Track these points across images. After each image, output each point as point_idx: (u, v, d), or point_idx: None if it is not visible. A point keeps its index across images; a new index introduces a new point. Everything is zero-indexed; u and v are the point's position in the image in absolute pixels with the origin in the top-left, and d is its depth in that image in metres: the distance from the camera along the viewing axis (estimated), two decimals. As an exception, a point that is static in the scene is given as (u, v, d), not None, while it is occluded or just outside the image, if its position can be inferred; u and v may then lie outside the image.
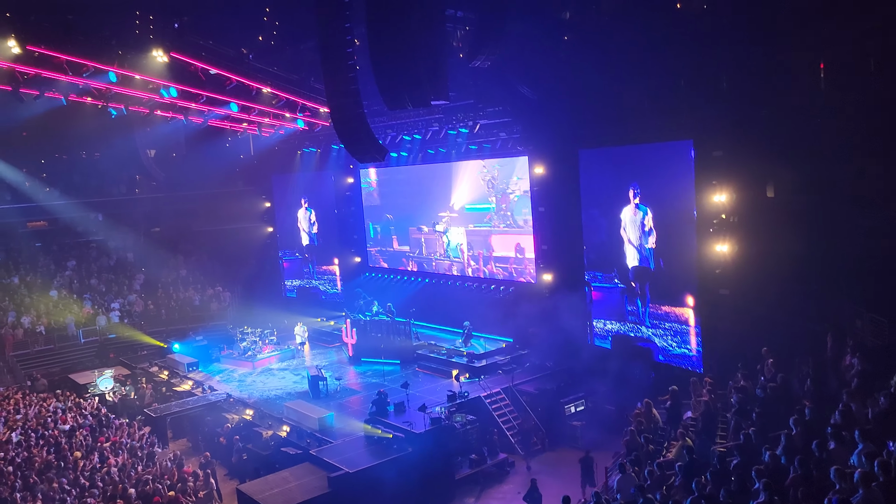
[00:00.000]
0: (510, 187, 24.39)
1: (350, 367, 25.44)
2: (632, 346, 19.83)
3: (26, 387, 25.46)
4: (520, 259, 24.55)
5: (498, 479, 18.44)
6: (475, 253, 26.21)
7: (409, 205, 29.24)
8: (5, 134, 33.58)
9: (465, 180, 25.59)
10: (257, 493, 15.83)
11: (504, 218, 24.87)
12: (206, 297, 34.62)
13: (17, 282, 32.44)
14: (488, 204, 25.34)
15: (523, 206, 23.87)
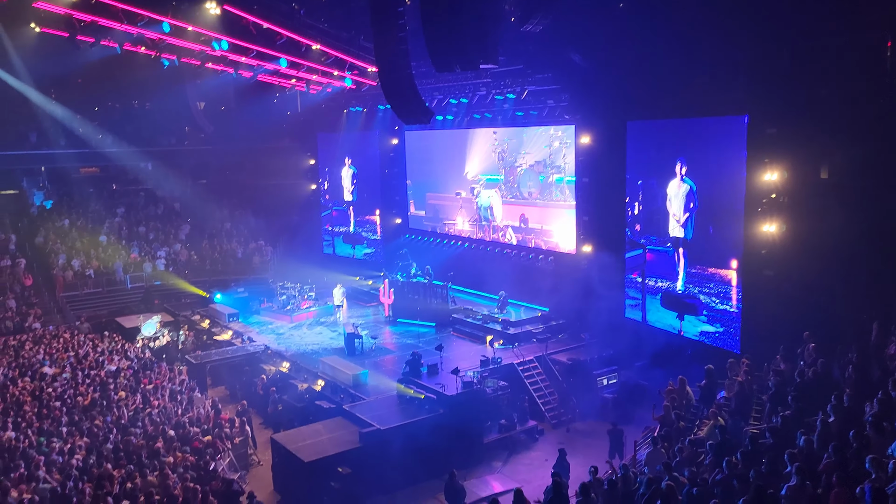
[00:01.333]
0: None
1: (386, 327, 25.76)
2: (680, 300, 19.46)
3: (75, 327, 26.42)
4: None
5: (526, 446, 18.63)
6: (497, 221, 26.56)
7: (426, 171, 29.84)
8: (62, 80, 34.42)
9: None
10: (290, 443, 16.25)
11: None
12: (248, 250, 35.25)
13: (69, 225, 33.44)
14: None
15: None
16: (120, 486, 13.41)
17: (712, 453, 11.17)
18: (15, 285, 29.10)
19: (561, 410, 19.91)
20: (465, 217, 28.02)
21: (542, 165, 24.61)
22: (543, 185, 24.38)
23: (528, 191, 24.55)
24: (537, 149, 23.71)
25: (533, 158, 24.25)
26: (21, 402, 17.82)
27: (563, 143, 23.23)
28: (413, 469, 16.20)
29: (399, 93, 16.33)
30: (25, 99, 32.86)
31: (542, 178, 24.08)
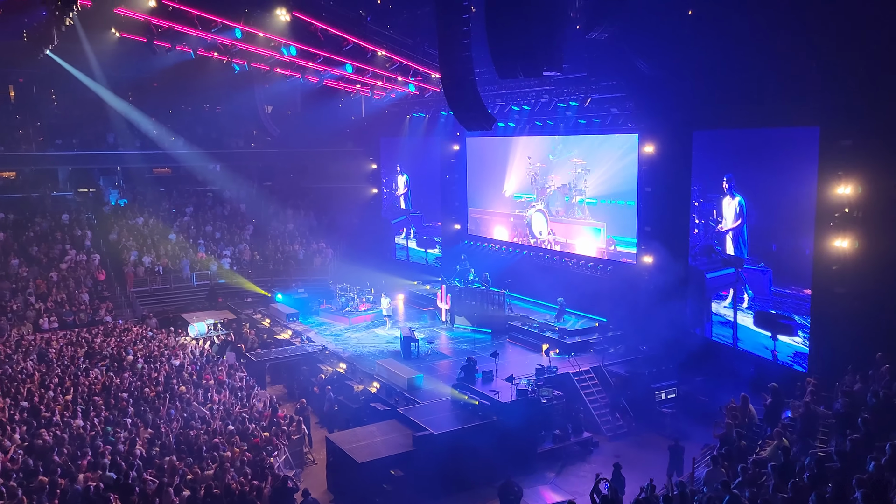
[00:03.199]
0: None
1: (442, 332, 25.83)
2: (776, 320, 18.68)
3: (143, 321, 27.39)
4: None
5: (580, 458, 18.37)
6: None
7: (486, 177, 30.26)
8: (138, 84, 35.86)
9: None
10: (345, 443, 16.43)
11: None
12: (309, 251, 35.92)
13: (142, 223, 34.74)
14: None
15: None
16: (180, 477, 13.82)
17: (775, 475, 10.78)
18: (89, 279, 30.37)
19: (617, 423, 19.57)
20: (509, 229, 28.22)
21: (566, 188, 25.45)
22: (568, 204, 25.22)
23: (555, 209, 25.70)
24: (563, 174, 24.92)
25: (560, 181, 25.24)
26: (91, 392, 18.56)
27: (584, 170, 24.43)
28: (465, 475, 16.19)
29: (462, 99, 16.41)
30: (104, 101, 34.34)
31: (567, 199, 24.95)
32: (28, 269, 29.81)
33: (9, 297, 27.86)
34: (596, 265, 25.27)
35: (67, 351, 22.37)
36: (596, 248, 23.78)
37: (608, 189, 24.00)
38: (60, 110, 38.21)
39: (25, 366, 20.69)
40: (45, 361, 21.15)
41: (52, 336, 25.10)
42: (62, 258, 31.14)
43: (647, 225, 23.05)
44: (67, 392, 18.57)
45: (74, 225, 33.59)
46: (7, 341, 23.93)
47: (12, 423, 16.49)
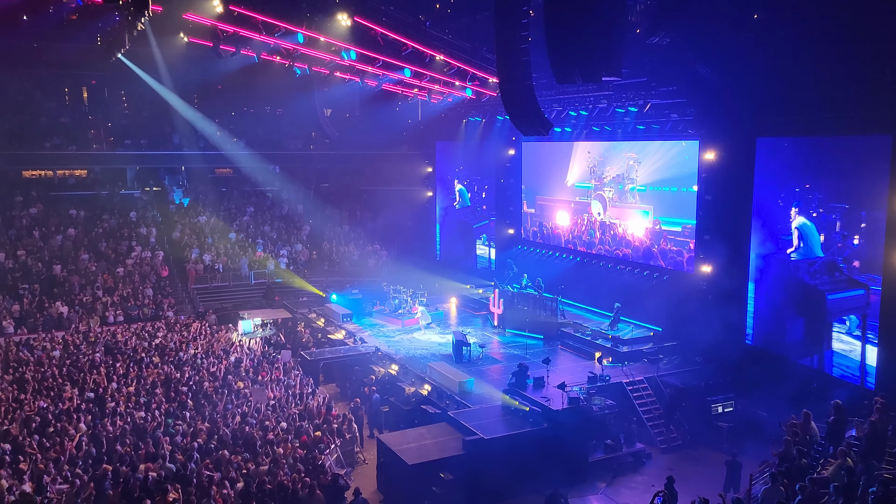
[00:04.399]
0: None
1: (494, 337, 25.78)
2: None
3: (203, 318, 28.16)
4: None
5: (632, 469, 18.07)
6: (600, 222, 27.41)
7: (538, 181, 30.58)
8: (204, 87, 37.01)
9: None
10: (395, 444, 16.55)
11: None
12: (364, 253, 36.36)
13: (203, 222, 35.75)
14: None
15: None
16: (235, 471, 14.16)
17: (837, 495, 10.42)
18: (153, 275, 31.40)
19: (671, 435, 19.19)
20: (570, 213, 28.52)
21: (620, 178, 26.05)
22: (621, 192, 25.98)
23: (611, 196, 26.70)
24: (618, 166, 25.87)
25: (615, 172, 26.15)
26: (153, 384, 19.19)
27: (636, 162, 25.06)
28: (514, 481, 16.11)
29: (519, 104, 16.36)
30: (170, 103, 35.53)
31: (620, 187, 25.90)
32: (97, 264, 31.01)
33: (78, 290, 29.03)
34: (651, 273, 24.86)
35: (131, 344, 23.19)
36: (644, 227, 24.80)
37: (655, 178, 24.67)
38: (130, 112, 39.69)
39: (93, 357, 21.53)
40: (111, 353, 21.96)
41: (118, 329, 26.04)
42: (128, 254, 32.29)
43: (706, 233, 22.53)
44: (131, 384, 19.26)
45: (140, 222, 34.80)
46: (76, 333, 24.94)
47: (79, 412, 17.19)
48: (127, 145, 36.89)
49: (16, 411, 17.21)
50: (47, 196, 35.15)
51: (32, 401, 17.85)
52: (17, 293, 28.08)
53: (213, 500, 12.72)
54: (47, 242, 31.81)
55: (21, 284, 28.57)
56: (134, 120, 38.99)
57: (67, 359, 21.53)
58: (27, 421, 16.47)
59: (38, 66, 36.11)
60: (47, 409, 17.22)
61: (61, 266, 30.24)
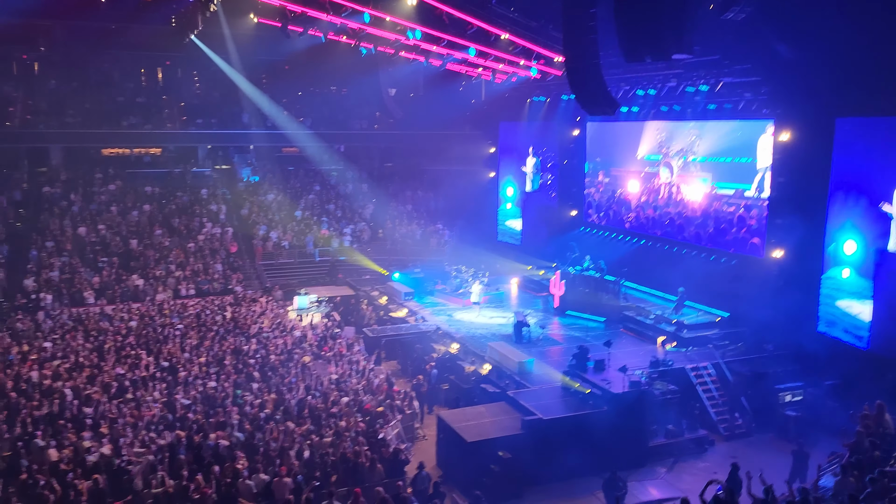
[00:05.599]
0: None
1: (554, 318, 25.66)
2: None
3: (269, 293, 28.96)
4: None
5: (694, 455, 17.81)
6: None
7: (606, 150, 30.36)
8: (272, 67, 37.80)
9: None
10: (455, 421, 16.74)
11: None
12: (426, 232, 36.62)
13: (271, 200, 36.63)
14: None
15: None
16: (300, 442, 14.61)
17: (911, 490, 10.04)
18: (222, 251, 32.43)
19: (735, 423, 18.79)
20: (641, 182, 28.42)
21: (684, 150, 26.15)
22: (685, 163, 26.16)
23: (676, 166, 26.67)
24: (682, 140, 26.11)
25: (679, 146, 26.36)
26: (223, 356, 19.91)
27: (697, 137, 25.37)
28: (572, 463, 16.04)
29: (585, 83, 16.09)
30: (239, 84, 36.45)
31: (684, 158, 26.04)
32: (170, 239, 32.21)
33: (153, 264, 30.23)
34: (719, 257, 24.25)
35: (202, 317, 24.06)
36: (703, 193, 25.10)
37: (713, 150, 24.77)
38: (202, 91, 40.86)
39: (166, 328, 22.47)
40: (183, 325, 22.85)
41: (189, 302, 27.06)
42: (200, 230, 33.40)
43: (778, 217, 21.81)
44: (202, 355, 20.03)
45: (211, 199, 35.92)
46: (151, 305, 26.05)
47: (154, 380, 18.01)
48: (198, 124, 38.04)
49: (96, 378, 18.15)
50: (125, 173, 36.64)
51: (111, 368, 18.78)
52: (97, 266, 29.46)
53: (278, 469, 13.16)
54: (125, 218, 33.18)
55: (100, 258, 29.94)
56: (205, 99, 40.14)
57: (143, 329, 22.53)
58: (106, 387, 17.37)
59: (116, 47, 37.57)
60: (125, 376, 18.11)
61: (137, 241, 31.53)
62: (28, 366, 19.00)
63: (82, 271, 28.82)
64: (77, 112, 36.17)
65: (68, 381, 17.78)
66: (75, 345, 20.97)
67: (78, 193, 34.03)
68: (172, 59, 40.35)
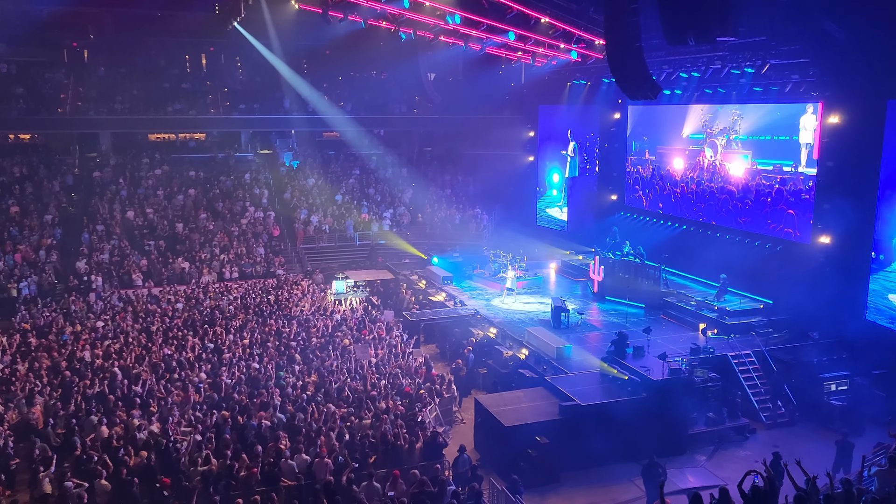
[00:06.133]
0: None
1: (593, 304, 25.55)
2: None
3: (310, 276, 29.41)
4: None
5: (735, 443, 17.64)
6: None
7: (652, 129, 29.95)
8: (312, 52, 38.08)
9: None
10: (492, 405, 16.85)
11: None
12: (465, 216, 36.66)
13: (311, 184, 37.06)
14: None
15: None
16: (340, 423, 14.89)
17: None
18: (265, 234, 32.99)
19: (778, 411, 18.53)
20: (685, 160, 28.17)
21: (726, 129, 26.01)
22: (727, 141, 26.02)
23: (719, 144, 26.47)
24: (725, 120, 25.96)
25: (722, 125, 26.20)
26: (266, 338, 20.33)
27: (739, 116, 25.23)
28: (610, 449, 16.05)
29: (626, 66, 15.87)
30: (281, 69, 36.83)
31: (726, 137, 25.99)
32: (214, 223, 32.88)
33: (198, 248, 30.93)
34: (763, 243, 23.81)
35: (246, 299, 24.58)
36: (744, 169, 25.09)
37: (754, 128, 24.71)
38: (244, 77, 41.40)
39: (211, 310, 23.02)
40: (227, 308, 23.38)
41: (233, 285, 27.65)
42: (243, 214, 34.02)
43: (825, 202, 21.30)
44: (245, 337, 20.49)
45: (254, 184, 36.50)
46: (196, 287, 26.69)
47: (200, 361, 18.51)
48: (241, 110, 38.59)
49: (145, 358, 18.73)
50: (170, 158, 37.46)
51: (159, 349, 19.36)
52: (144, 249, 30.26)
53: (319, 450, 13.46)
54: (170, 202, 33.96)
55: (148, 241, 30.74)
56: (248, 85, 40.68)
57: (189, 311, 23.12)
58: (154, 367, 17.93)
59: (162, 34, 38.30)
60: (172, 356, 18.65)
61: (183, 224, 32.26)
62: (81, 345, 19.72)
63: (131, 254, 29.64)
64: (125, 98, 37.02)
65: (118, 360, 18.41)
66: (125, 326, 21.67)
67: (126, 178, 34.92)
68: (216, 46, 40.98)
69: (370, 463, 13.48)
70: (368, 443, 14.11)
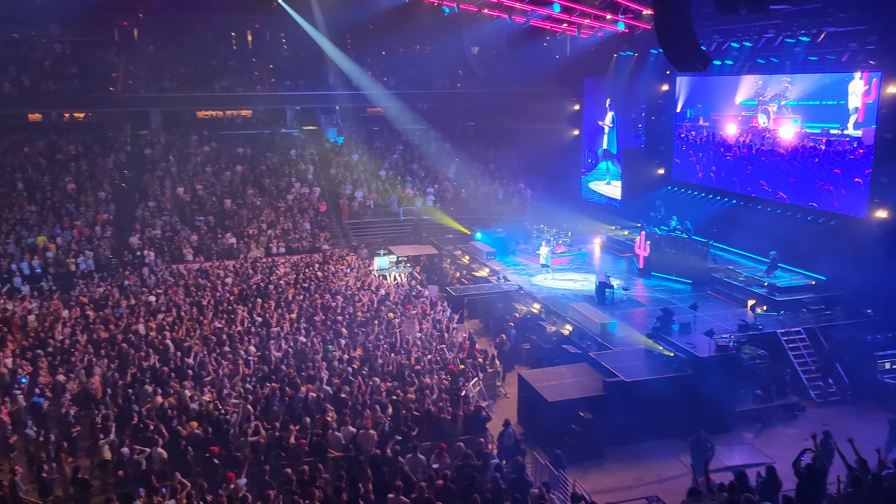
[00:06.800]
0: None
1: (638, 279, 25.27)
2: None
3: (355, 251, 29.73)
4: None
5: (783, 421, 17.38)
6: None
7: (705, 97, 29.23)
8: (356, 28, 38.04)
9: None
10: (535, 381, 16.90)
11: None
12: (509, 191, 36.48)
13: (356, 160, 37.29)
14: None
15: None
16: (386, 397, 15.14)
17: None
18: (311, 210, 33.40)
19: (829, 389, 18.16)
20: (737, 125, 27.59)
21: (778, 96, 25.44)
22: (779, 107, 25.47)
23: (771, 111, 25.90)
24: (775, 87, 25.39)
25: (773, 92, 25.63)
26: (312, 312, 20.69)
27: (790, 84, 24.77)
28: (654, 426, 16.01)
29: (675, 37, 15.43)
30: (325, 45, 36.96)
31: (777, 104, 25.46)
32: (261, 199, 33.41)
33: (245, 223, 31.51)
34: (817, 217, 23.15)
35: (293, 274, 25.01)
36: (793, 132, 24.77)
37: (803, 95, 24.27)
38: (289, 54, 41.69)
39: (259, 285, 23.51)
40: (275, 282, 23.83)
41: (280, 260, 28.15)
42: (289, 190, 34.47)
43: (883, 175, 20.56)
44: (292, 311, 20.88)
45: (300, 160, 36.90)
46: (245, 262, 27.26)
47: (248, 334, 18.97)
48: (286, 86, 38.91)
49: (196, 331, 19.28)
50: (218, 135, 38.10)
51: (210, 323, 19.89)
52: (194, 224, 30.97)
53: (365, 423, 13.72)
54: (219, 178, 34.60)
55: (197, 217, 31.44)
56: (292, 62, 40.94)
57: (238, 286, 23.65)
58: (205, 340, 18.44)
59: (208, 11, 38.74)
60: (222, 330, 19.15)
61: (231, 200, 32.87)
62: (135, 318, 20.39)
63: (181, 230, 30.38)
64: (173, 76, 37.68)
65: (171, 333, 18.98)
66: (177, 299, 22.30)
67: (175, 155, 35.68)
68: (261, 23, 41.29)
69: (413, 436, 13.69)
70: (412, 416, 14.32)
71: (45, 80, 35.82)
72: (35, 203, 30.74)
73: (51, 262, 27.53)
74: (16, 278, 25.88)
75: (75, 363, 17.25)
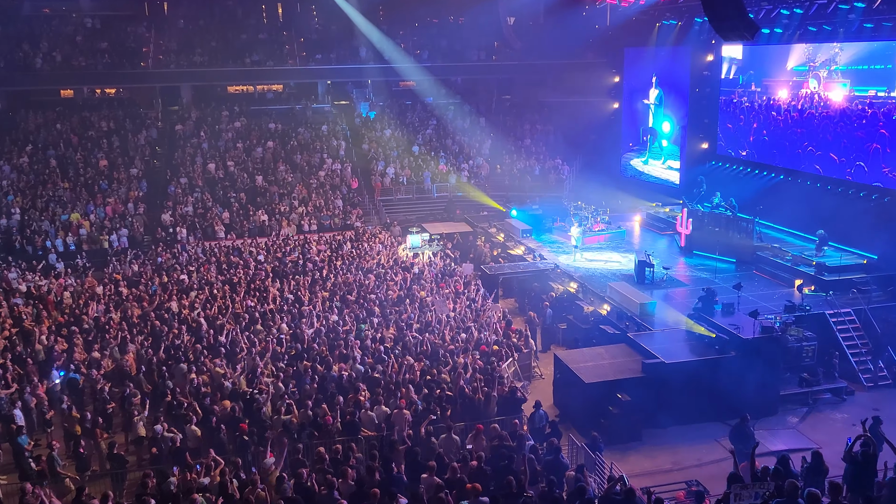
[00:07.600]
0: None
1: (680, 258, 24.53)
2: None
3: (388, 228, 29.41)
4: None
5: (830, 405, 16.74)
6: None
7: (757, 63, 28.21)
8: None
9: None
10: (572, 361, 16.49)
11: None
12: (545, 167, 35.75)
13: (388, 135, 36.84)
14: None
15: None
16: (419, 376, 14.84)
17: None
18: (343, 187, 33.13)
19: (879, 373, 17.42)
20: (788, 90, 26.71)
21: (828, 61, 24.71)
22: (829, 72, 24.82)
23: (822, 76, 25.26)
24: (825, 53, 24.76)
25: (823, 58, 24.94)
26: (345, 290, 20.45)
27: (840, 50, 24.15)
28: (694, 408, 15.54)
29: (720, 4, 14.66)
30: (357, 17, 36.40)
31: (827, 69, 24.79)
32: (292, 175, 33.22)
33: (277, 200, 31.38)
34: (869, 193, 22.13)
35: (325, 251, 24.80)
36: (842, 96, 24.17)
37: (852, 60, 23.66)
38: (320, 27, 41.21)
39: (291, 262, 23.35)
40: (307, 260, 23.66)
41: (312, 237, 27.97)
42: (321, 166, 34.22)
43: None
44: (325, 289, 20.67)
45: (331, 135, 36.58)
46: (276, 239, 27.13)
47: (280, 312, 18.81)
48: (318, 60, 38.47)
49: (228, 309, 19.18)
50: (249, 110, 37.95)
51: (242, 300, 19.78)
52: (226, 201, 30.93)
53: (398, 402, 13.46)
54: (249, 154, 34.48)
55: (229, 193, 31.39)
56: (323, 35, 40.49)
57: (269, 264, 23.52)
58: (237, 318, 18.33)
59: (239, -17, 38.44)
60: (254, 308, 19.02)
61: (262, 177, 32.74)
62: (168, 296, 20.38)
63: (213, 206, 30.35)
64: (204, 51, 37.54)
65: (203, 311, 18.91)
66: (209, 277, 22.25)
67: (206, 131, 35.62)
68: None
69: (447, 416, 13.40)
70: (446, 396, 14.02)
71: (77, 56, 35.94)
72: (68, 180, 30.99)
73: (84, 239, 27.77)
74: (50, 255, 26.14)
75: (109, 340, 17.27)
